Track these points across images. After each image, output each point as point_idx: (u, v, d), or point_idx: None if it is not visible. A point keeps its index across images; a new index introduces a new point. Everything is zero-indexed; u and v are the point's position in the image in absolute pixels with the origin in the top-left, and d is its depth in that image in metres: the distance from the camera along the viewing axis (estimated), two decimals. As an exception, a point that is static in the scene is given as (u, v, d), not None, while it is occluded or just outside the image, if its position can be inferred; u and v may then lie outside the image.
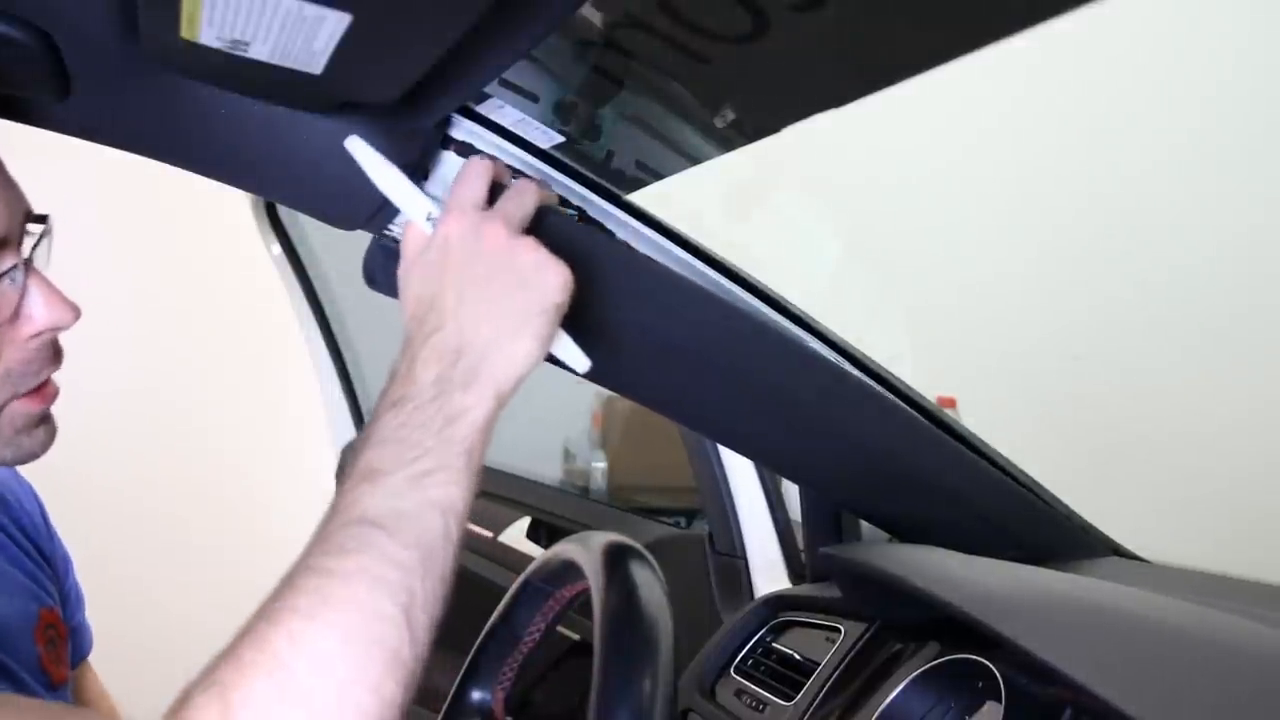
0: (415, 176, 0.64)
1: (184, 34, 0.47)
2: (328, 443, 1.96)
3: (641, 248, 0.73)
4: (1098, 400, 1.84)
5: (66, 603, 0.86)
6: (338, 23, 0.45)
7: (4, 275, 0.60)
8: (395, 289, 0.63)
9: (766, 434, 0.81)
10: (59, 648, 0.76)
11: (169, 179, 0.74)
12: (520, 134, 0.68)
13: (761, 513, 1.09)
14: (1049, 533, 0.86)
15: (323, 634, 0.47)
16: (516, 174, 0.67)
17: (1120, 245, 1.80)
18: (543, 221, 0.63)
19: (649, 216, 0.74)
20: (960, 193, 1.95)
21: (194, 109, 0.60)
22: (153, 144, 0.63)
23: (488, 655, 0.76)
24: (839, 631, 0.83)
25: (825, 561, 0.92)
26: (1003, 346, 1.90)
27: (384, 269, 0.69)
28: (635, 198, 0.74)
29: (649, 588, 0.58)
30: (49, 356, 0.64)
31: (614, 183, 0.72)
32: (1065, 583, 0.66)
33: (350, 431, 1.94)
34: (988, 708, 0.62)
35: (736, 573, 1.11)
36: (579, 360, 0.63)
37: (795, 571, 1.07)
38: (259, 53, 0.49)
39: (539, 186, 0.64)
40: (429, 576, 0.50)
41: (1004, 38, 0.45)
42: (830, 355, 0.79)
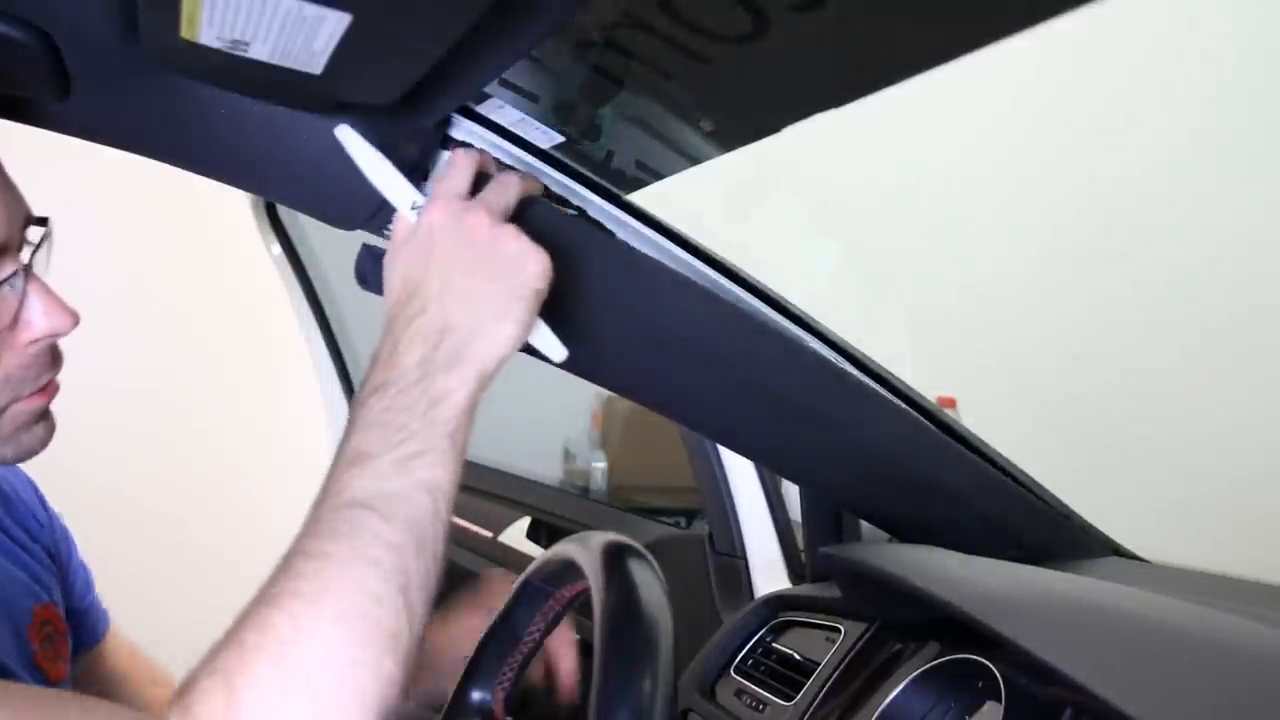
0: (414, 176, 0.64)
1: (184, 34, 0.47)
2: (328, 443, 1.96)
3: (641, 247, 0.73)
4: (1098, 400, 1.83)
5: (73, 587, 0.86)
6: (338, 23, 0.45)
7: (4, 282, 0.60)
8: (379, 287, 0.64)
9: (766, 434, 0.81)
10: (57, 644, 0.76)
11: (169, 179, 0.74)
12: (520, 134, 0.68)
13: (761, 513, 1.09)
14: (1049, 533, 0.86)
15: (323, 617, 0.48)
16: (503, 166, 0.67)
17: (1120, 245, 1.80)
18: (526, 211, 0.64)
19: (649, 216, 0.74)
20: (960, 193, 1.95)
21: (194, 109, 0.60)
22: (153, 144, 0.63)
23: (488, 655, 0.76)
24: (839, 631, 0.83)
25: (825, 561, 0.92)
26: (1003, 346, 1.90)
27: (374, 271, 0.69)
28: (635, 198, 0.74)
29: (649, 587, 0.58)
30: (48, 361, 0.65)
31: (614, 183, 0.72)
32: (1065, 583, 0.66)
33: (350, 431, 1.94)
34: (988, 708, 0.62)
35: (736, 573, 1.11)
36: (556, 349, 0.65)
37: (795, 571, 1.07)
38: (259, 53, 0.49)
39: (522, 178, 0.65)
40: (422, 555, 0.52)
41: (1004, 38, 0.45)
42: (830, 355, 0.79)
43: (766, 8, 0.46)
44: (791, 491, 1.08)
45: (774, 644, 0.92)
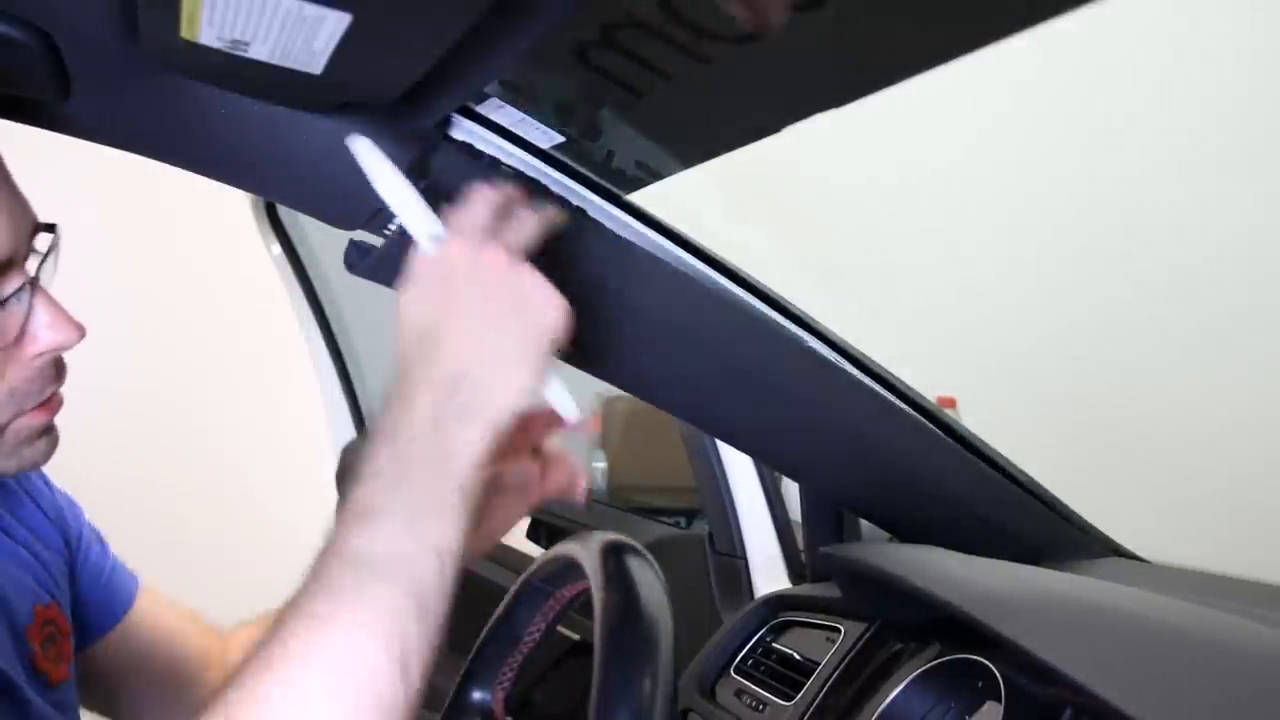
0: (414, 176, 0.63)
1: (184, 34, 0.47)
2: (328, 443, 1.96)
3: (641, 247, 0.73)
4: (1098, 400, 1.83)
5: (85, 566, 0.85)
6: (338, 23, 0.45)
7: (10, 297, 0.60)
8: (372, 272, 0.64)
9: (767, 432, 0.81)
10: (59, 644, 0.76)
11: (169, 179, 0.74)
12: (520, 134, 0.68)
13: (761, 512, 1.09)
14: (1049, 533, 0.86)
15: (314, 684, 0.47)
16: (524, 200, 0.65)
17: (1120, 245, 1.80)
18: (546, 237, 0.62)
19: (649, 216, 0.74)
20: (960, 193, 1.94)
21: (194, 109, 0.60)
22: (153, 144, 0.63)
23: (488, 655, 0.76)
24: (839, 631, 0.83)
25: (825, 561, 0.92)
26: (1003, 346, 1.90)
27: (360, 260, 0.70)
28: (635, 198, 0.74)
29: (649, 587, 0.58)
30: (52, 374, 0.65)
31: (614, 183, 0.72)
32: (1065, 583, 0.66)
33: (350, 431, 1.94)
34: (988, 708, 0.62)
35: (736, 573, 1.11)
36: (569, 408, 0.62)
37: (795, 571, 1.07)
38: (259, 53, 0.49)
39: (542, 215, 0.63)
40: (423, 620, 0.50)
41: (1004, 38, 0.45)
42: (830, 355, 0.79)
43: (767, 8, 0.46)
44: (791, 491, 1.08)
45: (774, 644, 0.92)
